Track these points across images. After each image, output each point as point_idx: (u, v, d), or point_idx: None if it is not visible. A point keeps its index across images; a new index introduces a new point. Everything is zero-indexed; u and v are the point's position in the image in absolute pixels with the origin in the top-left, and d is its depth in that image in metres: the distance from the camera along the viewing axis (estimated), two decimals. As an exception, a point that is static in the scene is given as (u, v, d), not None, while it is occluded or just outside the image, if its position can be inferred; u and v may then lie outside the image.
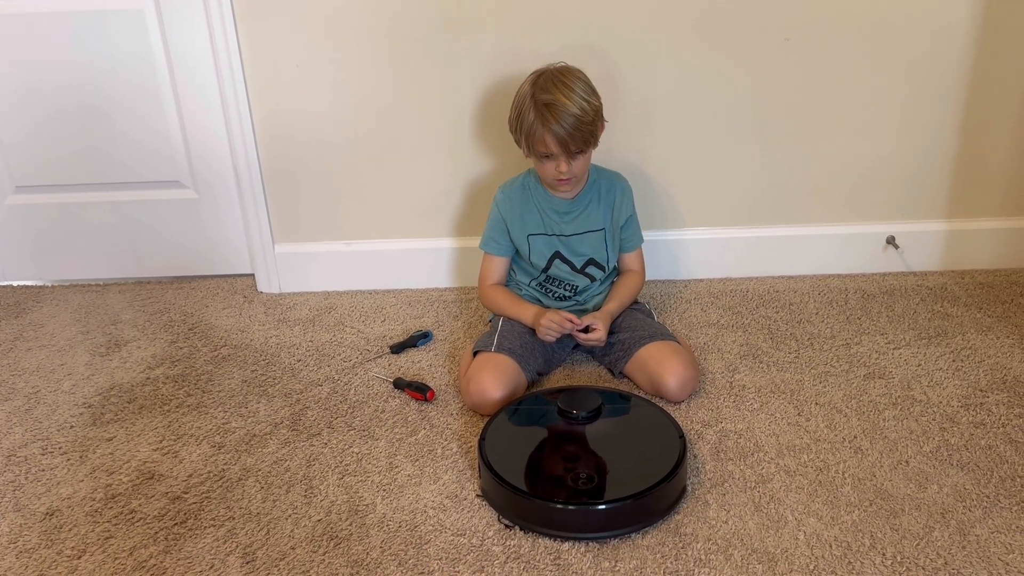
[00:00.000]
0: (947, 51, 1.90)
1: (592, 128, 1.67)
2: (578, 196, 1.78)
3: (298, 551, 1.34)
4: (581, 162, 1.69)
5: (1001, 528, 1.32)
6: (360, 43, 1.92)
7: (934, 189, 2.03)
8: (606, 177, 1.82)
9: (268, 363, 1.85)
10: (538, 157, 1.70)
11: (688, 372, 1.63)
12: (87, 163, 2.12)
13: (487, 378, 1.61)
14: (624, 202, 1.81)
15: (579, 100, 1.64)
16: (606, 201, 1.79)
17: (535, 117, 1.64)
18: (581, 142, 1.65)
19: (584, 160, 1.70)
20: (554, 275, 1.81)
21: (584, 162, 1.71)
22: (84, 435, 1.64)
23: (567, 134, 1.63)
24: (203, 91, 2.01)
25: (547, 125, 1.63)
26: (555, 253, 1.79)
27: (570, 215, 1.78)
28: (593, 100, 1.67)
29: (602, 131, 1.73)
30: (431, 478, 1.48)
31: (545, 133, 1.64)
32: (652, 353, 1.66)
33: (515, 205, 1.79)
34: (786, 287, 2.05)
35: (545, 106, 1.63)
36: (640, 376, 1.68)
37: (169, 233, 2.19)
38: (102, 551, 1.36)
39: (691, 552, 1.30)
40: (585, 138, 1.66)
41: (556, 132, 1.63)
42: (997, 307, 1.92)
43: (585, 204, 1.79)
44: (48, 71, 2.02)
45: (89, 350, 1.94)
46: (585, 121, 1.64)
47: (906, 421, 1.57)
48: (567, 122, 1.62)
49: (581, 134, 1.64)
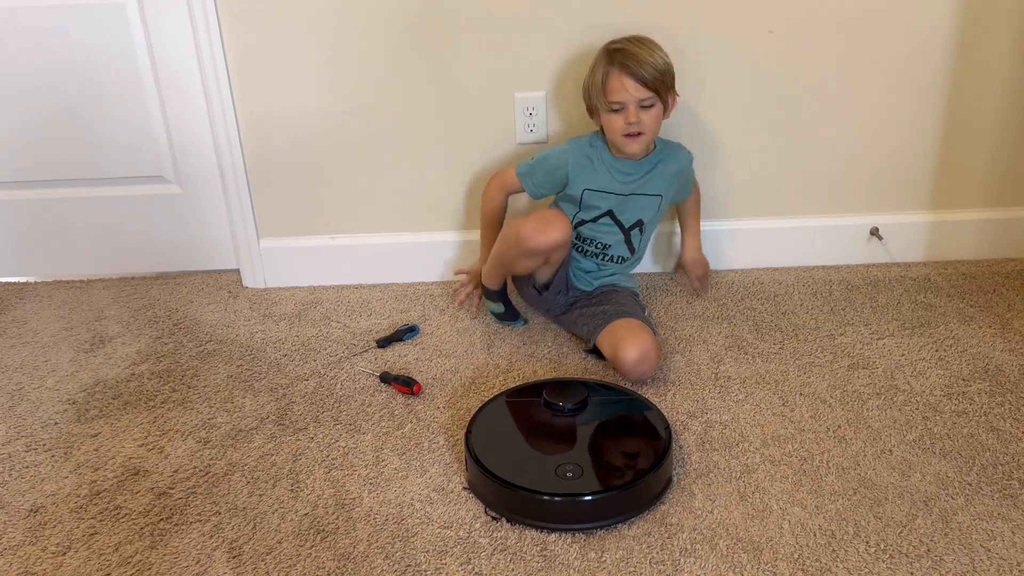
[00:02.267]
0: (930, 43, 1.91)
1: (665, 81, 1.71)
2: (644, 160, 1.80)
3: (285, 545, 1.34)
4: (651, 116, 1.71)
5: (983, 515, 1.33)
6: (345, 36, 1.92)
7: (917, 180, 2.05)
8: (671, 147, 1.85)
9: (254, 358, 1.84)
10: (609, 110, 1.71)
11: (649, 350, 1.64)
12: (69, 159, 2.10)
13: (555, 216, 1.70)
14: (685, 170, 1.87)
15: (656, 52, 1.71)
16: (669, 171, 1.82)
17: (608, 63, 1.69)
18: (654, 88, 1.68)
19: (654, 116, 1.72)
20: (587, 234, 1.83)
21: (654, 118, 1.72)
22: (68, 431, 1.63)
23: (642, 77, 1.67)
24: (186, 85, 1.99)
25: (623, 67, 1.68)
26: (608, 211, 1.81)
27: (632, 176, 1.80)
28: (667, 58, 1.72)
29: (674, 103, 1.76)
30: (418, 471, 1.48)
31: (620, 76, 1.68)
32: (623, 325, 1.70)
33: (583, 157, 1.80)
34: (770, 279, 2.06)
35: (620, 52, 1.69)
36: (607, 346, 1.70)
37: (153, 229, 2.17)
38: (87, 547, 1.35)
39: (677, 542, 1.31)
40: (658, 86, 1.69)
41: (632, 72, 1.67)
42: (979, 297, 1.93)
43: (647, 170, 1.80)
44: (28, 66, 2.00)
45: (73, 346, 1.93)
46: (659, 69, 1.69)
47: (889, 411, 1.58)
48: (644, 68, 1.67)
49: (655, 80, 1.68)
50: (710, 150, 2.01)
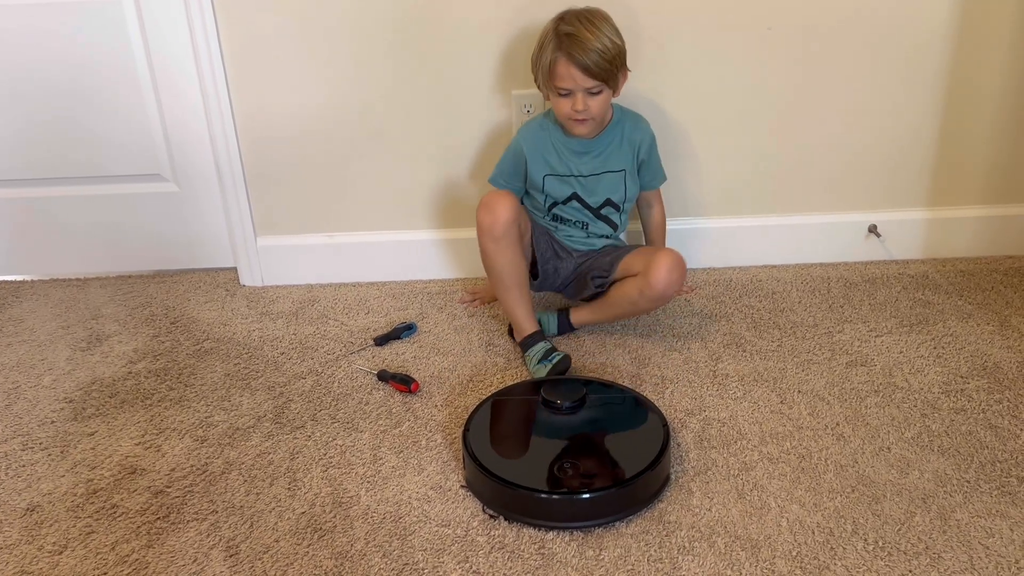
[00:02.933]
0: (929, 40, 1.90)
1: (613, 66, 1.67)
2: (599, 136, 1.77)
3: (282, 544, 1.33)
4: (598, 102, 1.68)
5: (981, 513, 1.33)
6: (342, 34, 1.91)
7: (915, 178, 2.04)
8: (630, 118, 1.82)
9: (251, 356, 1.84)
10: (556, 94, 1.69)
11: (681, 261, 1.68)
12: (66, 157, 2.09)
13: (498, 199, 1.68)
14: (646, 143, 1.81)
15: (603, 36, 1.64)
16: (629, 142, 1.79)
17: (556, 48, 1.65)
18: (601, 77, 1.65)
19: (601, 101, 1.69)
20: (562, 215, 1.82)
21: (601, 103, 1.69)
22: (65, 430, 1.63)
23: (587, 67, 1.63)
24: (183, 83, 1.99)
25: (569, 56, 1.63)
26: (572, 195, 1.79)
27: (588, 155, 1.78)
28: (616, 39, 1.67)
29: (624, 80, 1.73)
30: (415, 469, 1.48)
31: (567, 64, 1.64)
32: (646, 249, 1.77)
33: (535, 141, 1.79)
34: (769, 276, 2.05)
35: (567, 36, 1.64)
36: (637, 265, 1.72)
37: (150, 227, 2.17)
38: (84, 546, 1.35)
39: (675, 540, 1.30)
40: (605, 75, 1.65)
41: (578, 62, 1.63)
42: (977, 294, 1.93)
43: (606, 144, 1.78)
44: (24, 63, 2.00)
45: (70, 345, 1.92)
46: (606, 57, 1.64)
47: (888, 408, 1.58)
48: (589, 56, 1.63)
49: (601, 69, 1.64)
50: (708, 147, 2.00)
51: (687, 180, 2.03)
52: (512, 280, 1.72)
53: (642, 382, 1.67)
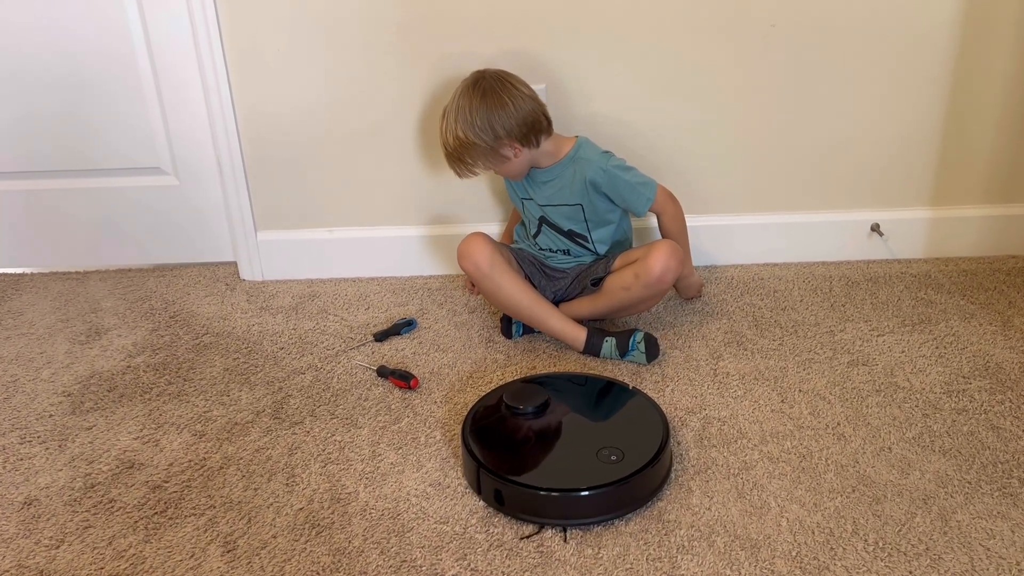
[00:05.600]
0: (931, 38, 1.90)
1: (464, 157, 1.70)
2: (552, 167, 1.77)
3: (279, 540, 1.33)
4: (500, 168, 1.73)
5: (982, 514, 1.32)
6: (344, 29, 1.90)
7: (918, 177, 2.03)
8: (582, 159, 1.74)
9: (250, 351, 1.83)
10: None
11: (677, 249, 1.69)
12: (66, 150, 2.09)
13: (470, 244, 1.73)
14: (600, 180, 1.72)
15: (459, 129, 1.66)
16: (582, 179, 1.74)
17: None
18: (457, 167, 1.72)
19: (501, 168, 1.73)
20: (542, 243, 1.84)
21: (503, 169, 1.73)
22: (63, 424, 1.63)
23: (446, 155, 1.71)
24: (184, 76, 1.98)
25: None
26: (541, 218, 1.81)
27: (546, 184, 1.78)
28: (477, 132, 1.64)
29: (515, 153, 1.69)
30: (414, 466, 1.47)
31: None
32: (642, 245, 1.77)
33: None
34: (770, 274, 2.05)
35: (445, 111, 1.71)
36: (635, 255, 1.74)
37: (150, 220, 2.17)
38: (81, 540, 1.34)
39: (674, 539, 1.30)
40: (457, 166, 1.72)
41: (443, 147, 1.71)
42: (980, 294, 1.92)
43: (557, 175, 1.77)
44: (24, 56, 1.99)
45: (69, 338, 1.92)
46: (451, 154, 1.70)
47: (889, 408, 1.57)
48: (446, 147, 1.70)
49: (452, 161, 1.72)
50: (710, 145, 2.00)
51: (687, 178, 2.02)
52: (527, 299, 1.74)
53: (642, 380, 1.67)
